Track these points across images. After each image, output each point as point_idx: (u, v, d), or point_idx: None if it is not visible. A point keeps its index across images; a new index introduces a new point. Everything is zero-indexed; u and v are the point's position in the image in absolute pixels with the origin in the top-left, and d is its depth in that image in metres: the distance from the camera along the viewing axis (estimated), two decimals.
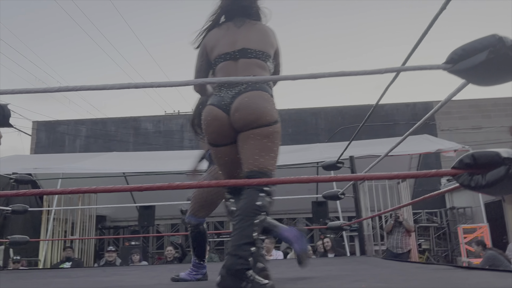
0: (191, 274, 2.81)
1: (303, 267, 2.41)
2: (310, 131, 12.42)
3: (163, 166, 9.11)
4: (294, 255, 2.29)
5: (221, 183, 2.06)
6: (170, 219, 11.38)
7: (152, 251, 11.25)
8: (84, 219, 8.55)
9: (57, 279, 3.50)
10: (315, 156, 8.78)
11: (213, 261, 6.61)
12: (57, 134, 12.61)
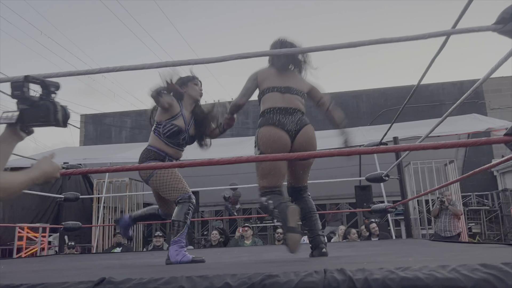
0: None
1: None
2: (352, 115, 12.17)
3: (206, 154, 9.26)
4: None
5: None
6: (214, 205, 11.61)
7: (198, 236, 11.53)
8: (132, 207, 8.87)
9: (108, 261, 3.67)
10: (357, 139, 8.59)
11: (257, 245, 6.67)
12: (104, 126, 13.10)
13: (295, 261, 2.17)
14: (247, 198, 11.12)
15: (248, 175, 10.15)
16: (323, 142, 9.02)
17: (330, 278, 1.19)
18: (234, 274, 1.31)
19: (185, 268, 2.11)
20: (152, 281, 1.34)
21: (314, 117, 12.47)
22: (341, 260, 2.07)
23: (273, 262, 2.19)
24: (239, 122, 12.95)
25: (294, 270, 1.28)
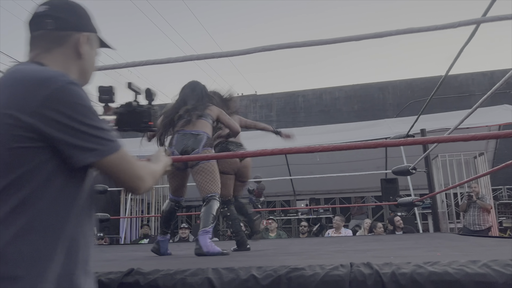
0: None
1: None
2: (377, 106, 11.98)
3: None
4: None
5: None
6: None
7: (222, 228, 11.64)
8: (158, 199, 9.03)
9: (136, 253, 3.75)
10: (383, 131, 8.47)
11: (282, 238, 6.68)
12: None
13: (321, 254, 2.17)
14: (271, 191, 11.13)
15: (272, 168, 10.19)
16: (348, 134, 8.93)
17: (357, 272, 1.18)
18: (260, 266, 1.32)
19: (211, 260, 2.14)
20: (179, 272, 1.37)
21: (339, 110, 12.37)
22: (367, 254, 2.05)
23: (298, 255, 2.19)
24: (263, 115, 12.95)
25: (320, 264, 1.28)
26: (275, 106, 12.87)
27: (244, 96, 14.20)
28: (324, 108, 12.38)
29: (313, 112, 12.38)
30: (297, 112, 12.55)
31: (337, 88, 12.54)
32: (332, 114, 12.19)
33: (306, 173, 9.71)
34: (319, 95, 12.54)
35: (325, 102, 12.45)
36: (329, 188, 10.97)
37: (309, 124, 11.60)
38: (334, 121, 11.33)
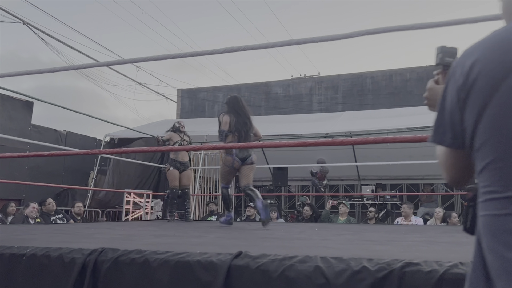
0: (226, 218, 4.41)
1: (265, 227, 3.79)
2: None
3: (294, 129, 9.30)
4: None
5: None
6: (301, 180, 11.69)
7: (285, 209, 11.75)
8: None
9: (211, 229, 3.90)
10: None
11: (351, 223, 6.61)
12: (198, 100, 13.70)
13: (411, 244, 2.12)
14: (334, 174, 11.00)
15: (336, 152, 10.04)
16: (419, 119, 8.54)
17: None
18: (370, 258, 1.32)
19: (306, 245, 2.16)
20: (287, 258, 1.40)
21: (410, 92, 11.83)
22: (465, 247, 1.97)
23: (386, 244, 2.16)
24: (328, 97, 12.72)
25: (436, 259, 1.25)
26: (341, 87, 12.58)
27: (307, 78, 14.02)
28: (394, 90, 11.91)
29: (381, 95, 11.96)
30: (365, 95, 12.18)
31: (408, 69, 11.98)
32: (402, 97, 11.70)
33: (372, 157, 9.46)
34: (388, 77, 12.06)
35: (395, 84, 11.96)
36: (396, 174, 10.63)
37: (377, 107, 11.24)
38: (404, 105, 10.87)
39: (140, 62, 12.50)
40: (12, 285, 1.58)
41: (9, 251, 1.66)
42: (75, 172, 9.09)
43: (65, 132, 9.06)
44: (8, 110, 7.40)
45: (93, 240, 2.38)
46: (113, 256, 1.54)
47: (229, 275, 1.37)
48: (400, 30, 1.64)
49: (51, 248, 1.63)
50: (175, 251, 1.53)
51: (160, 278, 1.44)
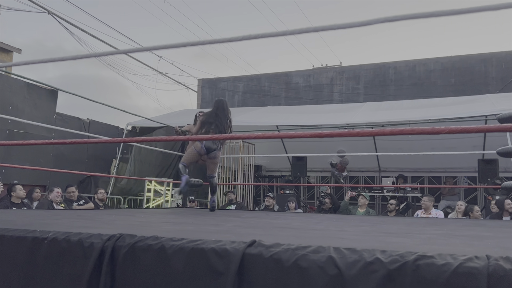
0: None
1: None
2: (478, 80, 11.00)
3: (314, 120, 9.24)
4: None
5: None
6: (320, 171, 11.65)
7: (304, 200, 11.75)
8: (244, 168, 9.32)
9: (230, 218, 3.93)
10: (485, 108, 7.80)
11: (370, 215, 6.57)
12: (219, 90, 13.75)
13: (429, 237, 2.09)
14: (354, 165, 10.92)
15: (358, 143, 9.95)
16: (443, 110, 8.36)
17: (496, 266, 1.12)
18: (384, 250, 1.31)
19: (321, 236, 2.16)
20: (301, 248, 1.40)
21: (433, 83, 11.59)
22: (486, 242, 1.94)
23: (404, 236, 2.14)
24: (350, 88, 12.57)
25: (450, 253, 1.24)
26: (363, 78, 12.41)
27: (328, 68, 13.87)
28: (417, 81, 11.67)
29: (404, 85, 11.74)
30: (387, 85, 11.98)
31: (432, 59, 11.70)
32: (425, 88, 11.46)
33: (394, 149, 9.34)
34: (412, 67, 11.82)
35: (418, 74, 11.72)
36: (418, 166, 10.48)
37: (399, 98, 11.05)
38: (428, 96, 10.66)
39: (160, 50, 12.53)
40: (34, 267, 1.64)
41: (32, 235, 1.72)
42: (98, 160, 9.28)
43: (88, 120, 9.24)
44: (34, 98, 7.60)
45: (112, 226, 2.44)
46: (130, 242, 1.58)
47: (242, 263, 1.39)
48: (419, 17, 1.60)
49: (71, 233, 1.68)
50: (190, 238, 1.56)
51: (175, 265, 1.47)
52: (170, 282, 1.46)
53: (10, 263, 1.69)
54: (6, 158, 6.77)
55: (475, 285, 1.11)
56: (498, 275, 1.10)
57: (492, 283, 1.10)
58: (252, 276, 1.38)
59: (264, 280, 1.36)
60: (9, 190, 5.44)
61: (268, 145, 10.46)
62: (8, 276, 1.68)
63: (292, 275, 1.33)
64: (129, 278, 1.53)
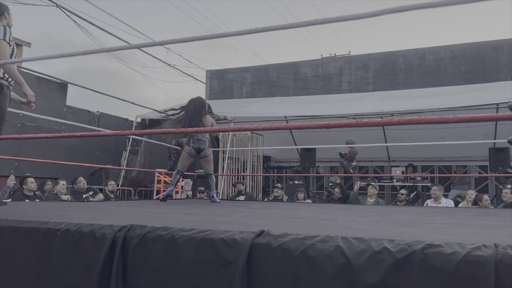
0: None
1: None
2: (489, 68, 10.84)
3: (323, 110, 9.21)
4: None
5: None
6: (329, 162, 11.63)
7: (313, 190, 11.76)
8: (252, 159, 9.34)
9: (239, 208, 3.95)
10: (496, 96, 7.70)
11: (380, 204, 6.56)
12: (227, 81, 13.73)
13: (437, 226, 2.09)
14: (364, 155, 10.87)
15: (367, 133, 9.90)
16: (454, 99, 8.26)
17: (504, 255, 1.12)
18: (392, 239, 1.32)
19: (329, 226, 2.17)
20: (309, 237, 1.42)
21: (444, 71, 11.45)
22: (494, 231, 1.93)
23: (413, 226, 2.14)
24: (359, 77, 12.47)
25: (458, 241, 1.24)
26: (372, 67, 12.29)
27: (337, 57, 13.76)
28: (427, 69, 11.53)
29: (414, 74, 11.62)
30: (396, 74, 11.86)
31: (442, 47, 11.54)
32: (435, 76, 11.32)
33: (403, 139, 9.28)
34: (421, 55, 11.68)
35: (428, 63, 11.57)
36: (428, 156, 10.41)
37: (409, 86, 10.94)
38: (438, 84, 10.53)
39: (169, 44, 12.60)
40: (47, 258, 1.68)
41: (45, 226, 1.76)
42: (108, 152, 9.37)
43: (98, 113, 9.32)
44: (44, 92, 7.67)
45: (123, 217, 2.47)
46: (141, 233, 1.60)
47: (251, 253, 1.41)
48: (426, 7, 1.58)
49: (83, 224, 1.71)
50: (200, 228, 1.58)
51: (185, 254, 1.50)
52: (180, 271, 1.49)
53: (24, 254, 1.73)
54: (18, 151, 6.87)
55: (483, 273, 1.12)
56: (506, 264, 1.11)
57: (500, 271, 1.10)
58: (260, 265, 1.40)
59: (273, 269, 1.37)
60: (21, 182, 5.52)
61: (277, 136, 10.45)
62: (23, 267, 1.72)
63: (300, 264, 1.34)
64: (140, 267, 1.56)
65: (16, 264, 1.73)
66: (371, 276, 1.25)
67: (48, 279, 1.66)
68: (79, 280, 1.60)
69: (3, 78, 3.18)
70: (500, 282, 1.10)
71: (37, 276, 1.68)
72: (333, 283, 1.28)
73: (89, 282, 1.57)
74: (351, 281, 1.26)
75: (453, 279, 1.15)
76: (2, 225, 1.83)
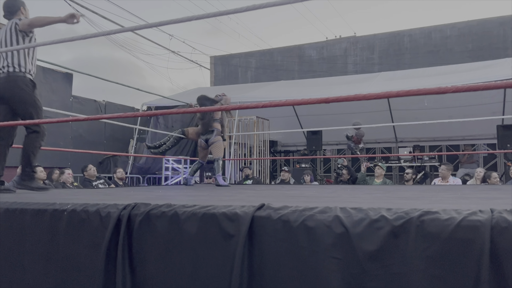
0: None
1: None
2: (496, 44, 10.67)
3: (328, 92, 9.15)
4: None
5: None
6: (336, 144, 11.61)
7: (320, 174, 11.78)
8: (259, 144, 9.36)
9: (246, 191, 3.99)
10: (504, 72, 7.60)
11: (387, 184, 6.57)
12: (231, 67, 13.70)
13: (441, 199, 2.10)
14: (371, 137, 10.84)
15: (373, 114, 9.84)
16: (461, 76, 8.17)
17: (499, 218, 1.14)
18: (389, 208, 1.34)
19: (331, 201, 2.19)
20: (308, 209, 1.44)
21: (450, 50, 11.30)
22: (496, 201, 1.94)
23: (415, 199, 2.15)
24: (364, 58, 12.36)
25: (454, 208, 1.25)
26: (377, 47, 12.17)
27: (342, 39, 13.62)
28: (433, 48, 11.39)
29: (420, 53, 11.48)
30: (402, 54, 11.74)
31: (448, 25, 11.37)
32: (442, 55, 11.19)
33: (410, 119, 9.21)
34: (427, 34, 11.52)
35: (434, 41, 11.42)
36: (436, 135, 10.34)
37: (415, 66, 10.83)
38: (444, 63, 10.41)
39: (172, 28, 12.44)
40: (56, 237, 1.73)
41: (52, 207, 1.80)
42: (116, 141, 9.45)
43: (104, 102, 9.37)
44: (50, 82, 7.72)
45: (129, 199, 2.52)
46: (145, 210, 1.64)
47: (252, 225, 1.44)
48: None
49: (89, 204, 1.75)
50: (202, 204, 1.61)
51: (188, 229, 1.53)
52: (184, 245, 1.52)
53: (33, 234, 1.78)
54: None
55: (479, 237, 1.14)
56: (501, 227, 1.12)
57: (495, 235, 1.12)
58: (261, 237, 1.43)
59: (273, 240, 1.40)
60: None
61: (283, 120, 10.44)
62: (32, 246, 1.77)
63: (300, 234, 1.37)
64: (145, 243, 1.59)
65: (25, 243, 1.78)
66: (370, 244, 1.27)
67: (57, 257, 1.71)
68: (87, 258, 1.65)
69: (29, 73, 3.23)
70: (495, 245, 1.11)
71: (46, 255, 1.73)
72: (332, 252, 1.31)
73: (96, 259, 1.61)
74: (350, 250, 1.29)
75: (449, 243, 1.17)
76: (12, 207, 1.88)
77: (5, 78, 3.14)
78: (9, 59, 3.14)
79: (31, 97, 3.18)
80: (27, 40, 3.21)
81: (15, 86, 3.13)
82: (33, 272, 1.75)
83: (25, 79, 3.17)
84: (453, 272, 1.14)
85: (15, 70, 3.14)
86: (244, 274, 1.39)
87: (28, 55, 3.21)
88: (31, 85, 3.21)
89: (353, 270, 1.27)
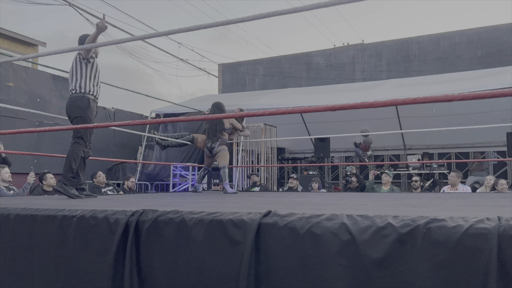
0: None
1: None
2: (506, 51, 10.60)
3: (336, 99, 9.15)
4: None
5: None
6: (344, 151, 11.58)
7: (328, 181, 11.73)
8: (266, 150, 9.37)
9: (253, 198, 3.99)
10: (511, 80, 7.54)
11: (394, 192, 6.52)
12: (239, 74, 13.75)
13: (448, 207, 2.09)
14: (379, 144, 10.80)
15: (381, 121, 9.82)
16: (470, 84, 8.13)
17: (507, 226, 1.13)
18: (396, 215, 1.34)
19: (338, 208, 2.19)
20: (314, 216, 1.44)
21: (459, 56, 11.23)
22: (505, 209, 1.92)
23: (423, 207, 2.14)
24: (372, 65, 12.34)
25: (461, 216, 1.25)
26: (385, 55, 12.15)
27: (350, 46, 13.62)
28: (442, 55, 11.35)
29: (428, 60, 11.44)
30: (410, 61, 11.70)
31: (457, 32, 11.33)
32: (450, 62, 11.14)
33: (419, 126, 9.17)
34: (435, 41, 11.49)
35: (443, 48, 11.38)
36: (445, 143, 10.27)
37: (423, 73, 10.78)
38: (453, 70, 10.36)
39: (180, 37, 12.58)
40: (65, 243, 1.75)
41: (61, 213, 1.82)
42: (125, 148, 9.51)
43: (113, 109, 9.45)
44: (60, 89, 7.82)
45: (137, 205, 2.53)
46: (153, 216, 1.65)
47: (258, 232, 1.44)
48: None
49: (97, 210, 1.77)
50: (209, 211, 1.62)
51: (195, 236, 1.54)
52: (191, 252, 1.53)
53: (42, 240, 1.80)
54: (37, 148, 7.04)
55: (486, 245, 1.13)
56: (508, 235, 1.11)
57: (503, 242, 1.11)
58: (268, 244, 1.43)
59: (280, 247, 1.41)
60: (41, 178, 5.67)
61: (291, 128, 10.45)
62: (41, 252, 1.79)
63: (306, 241, 1.37)
64: (153, 249, 1.61)
65: (34, 249, 1.80)
66: (376, 251, 1.27)
67: (65, 263, 1.72)
68: (95, 263, 1.67)
69: (89, 93, 3.74)
70: (503, 253, 1.10)
71: (55, 260, 1.75)
72: (338, 259, 1.31)
73: (104, 265, 1.63)
74: (356, 257, 1.29)
75: (456, 251, 1.16)
76: (22, 213, 1.90)
77: (69, 98, 3.77)
78: (73, 83, 3.72)
79: (82, 112, 3.70)
80: (90, 66, 3.70)
81: (73, 104, 3.72)
82: (42, 277, 1.77)
83: (83, 98, 3.70)
84: (460, 280, 1.14)
85: (76, 92, 3.71)
86: (251, 280, 1.39)
87: (90, 79, 3.72)
88: (87, 103, 3.71)
89: (359, 278, 1.27)
